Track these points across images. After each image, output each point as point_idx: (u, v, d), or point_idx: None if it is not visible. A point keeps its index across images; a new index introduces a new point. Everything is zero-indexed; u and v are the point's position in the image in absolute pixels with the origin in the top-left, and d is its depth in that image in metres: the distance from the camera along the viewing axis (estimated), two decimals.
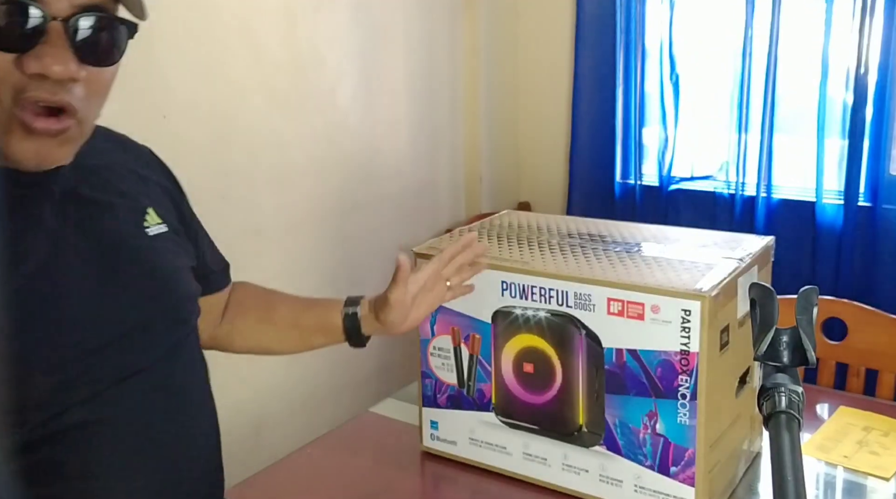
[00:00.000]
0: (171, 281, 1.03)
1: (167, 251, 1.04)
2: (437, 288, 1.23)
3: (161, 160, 1.14)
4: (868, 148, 2.44)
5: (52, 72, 0.79)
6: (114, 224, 0.97)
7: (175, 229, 1.08)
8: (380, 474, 1.39)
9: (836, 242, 2.53)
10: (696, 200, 2.80)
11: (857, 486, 1.32)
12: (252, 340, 1.29)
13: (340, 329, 1.24)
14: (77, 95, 0.83)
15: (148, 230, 1.02)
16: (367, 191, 2.52)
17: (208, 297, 1.19)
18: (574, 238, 1.37)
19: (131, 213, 1.01)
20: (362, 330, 1.24)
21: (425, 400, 1.41)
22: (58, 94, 0.81)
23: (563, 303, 1.22)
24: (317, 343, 1.28)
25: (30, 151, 0.83)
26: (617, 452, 1.22)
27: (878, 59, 2.36)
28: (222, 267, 1.25)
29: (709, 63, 2.76)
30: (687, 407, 1.15)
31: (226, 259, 1.26)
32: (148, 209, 1.03)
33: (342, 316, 1.23)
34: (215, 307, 1.25)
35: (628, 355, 1.18)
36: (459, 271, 1.24)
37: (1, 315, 0.81)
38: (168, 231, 1.05)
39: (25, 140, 0.82)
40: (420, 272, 1.20)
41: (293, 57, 2.21)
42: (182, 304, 1.05)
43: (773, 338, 0.81)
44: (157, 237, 1.03)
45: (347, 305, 1.24)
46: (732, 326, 1.20)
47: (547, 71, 3.04)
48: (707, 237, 1.37)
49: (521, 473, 1.33)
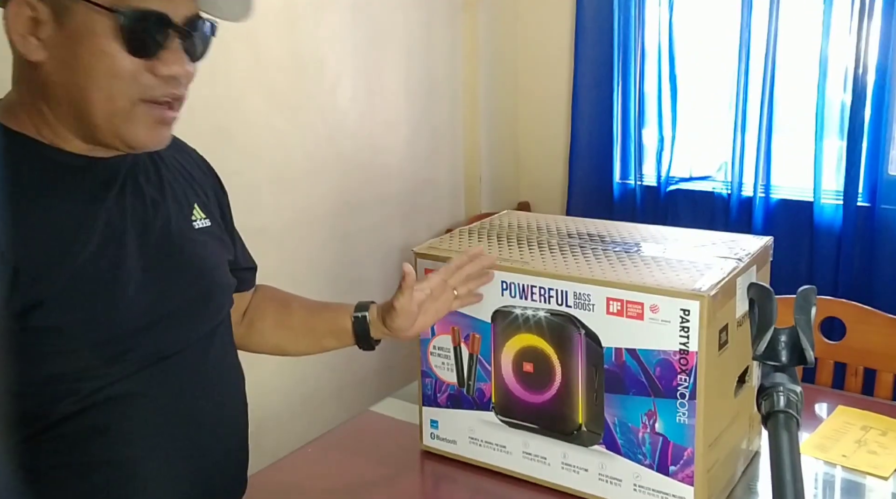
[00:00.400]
0: (211, 271, 1.14)
1: (209, 244, 1.15)
2: (444, 296, 1.27)
3: (207, 162, 1.24)
4: (866, 148, 2.44)
5: (181, 73, 0.96)
6: (164, 215, 1.07)
7: (218, 225, 1.19)
8: (380, 473, 1.39)
9: (834, 242, 2.54)
10: (695, 201, 2.80)
11: (856, 485, 1.33)
12: (270, 341, 1.36)
13: (350, 333, 1.30)
14: (184, 87, 0.99)
15: (194, 223, 1.13)
16: (366, 191, 2.53)
17: (235, 295, 1.25)
18: (573, 238, 1.38)
19: (179, 206, 1.11)
20: (371, 334, 1.30)
21: (425, 399, 1.41)
22: (178, 88, 0.98)
23: (563, 303, 1.22)
24: (328, 346, 1.34)
25: (155, 138, 0.99)
26: (616, 451, 1.23)
27: (877, 59, 2.37)
28: (251, 268, 1.33)
29: (707, 64, 2.77)
30: (686, 406, 1.15)
31: (254, 262, 1.33)
32: (194, 205, 1.14)
33: (352, 320, 1.30)
34: (240, 306, 1.32)
35: (627, 355, 1.18)
36: (467, 281, 1.27)
37: (62, 289, 0.92)
38: (210, 226, 1.16)
39: (152, 130, 0.97)
40: (426, 281, 1.26)
41: (293, 57, 2.22)
42: (220, 292, 1.15)
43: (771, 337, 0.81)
44: (202, 231, 1.14)
45: (357, 310, 1.30)
46: (731, 325, 1.20)
47: (546, 71, 3.05)
48: (706, 237, 1.37)
49: (520, 472, 1.33)
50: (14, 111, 0.96)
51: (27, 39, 0.91)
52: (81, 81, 0.92)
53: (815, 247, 2.57)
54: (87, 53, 0.90)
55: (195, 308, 1.09)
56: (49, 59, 0.92)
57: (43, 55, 0.91)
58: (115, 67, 0.91)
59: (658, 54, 2.76)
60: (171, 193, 1.10)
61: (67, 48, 0.91)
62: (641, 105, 2.84)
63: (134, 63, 0.92)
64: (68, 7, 0.89)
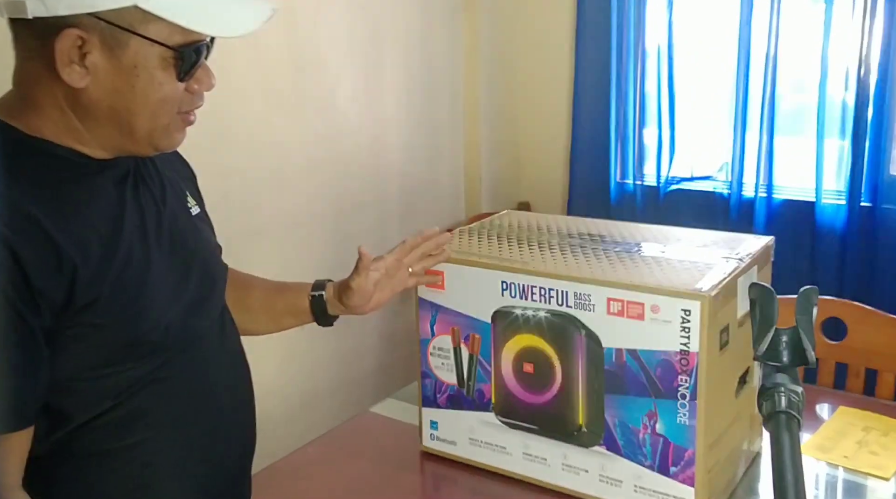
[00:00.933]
0: (213, 256, 1.20)
1: (204, 231, 1.20)
2: (399, 274, 1.32)
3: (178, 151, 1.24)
4: (869, 148, 2.44)
5: (210, 87, 1.04)
6: (171, 208, 1.12)
7: (204, 210, 1.23)
8: (379, 474, 1.39)
9: (836, 243, 2.54)
10: (695, 201, 2.80)
11: (857, 486, 1.33)
12: None
13: (308, 311, 1.34)
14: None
15: (191, 210, 1.18)
16: (367, 191, 2.53)
17: None
18: (574, 238, 1.38)
19: (178, 198, 1.16)
20: (328, 311, 1.34)
21: (425, 400, 1.41)
22: (203, 98, 1.05)
23: (563, 303, 1.22)
24: (287, 324, 1.38)
25: (181, 138, 1.06)
26: (617, 452, 1.23)
27: (879, 58, 2.36)
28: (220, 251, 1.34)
29: (708, 63, 2.77)
30: (687, 407, 1.15)
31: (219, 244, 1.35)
32: (187, 193, 1.19)
33: (309, 299, 1.34)
34: None
35: (628, 355, 1.18)
36: (422, 259, 1.33)
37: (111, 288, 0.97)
38: (201, 212, 1.21)
39: (182, 132, 1.05)
40: (381, 260, 1.31)
41: (293, 58, 2.22)
42: (221, 277, 1.20)
43: (772, 338, 0.81)
44: (197, 218, 1.18)
45: (314, 289, 1.34)
46: (732, 326, 1.20)
47: (547, 71, 3.05)
48: (707, 237, 1.37)
49: (520, 473, 1.33)
50: (24, 115, 0.99)
51: (72, 67, 0.94)
52: (133, 106, 0.98)
53: (817, 247, 2.57)
54: (142, 83, 0.96)
55: (207, 295, 1.14)
56: (95, 84, 0.96)
57: (86, 81, 0.95)
58: (166, 93, 0.98)
59: (658, 54, 2.76)
60: (171, 186, 1.15)
61: (120, 78, 0.96)
62: (642, 105, 2.85)
63: (180, 86, 1.00)
64: (121, 41, 0.94)
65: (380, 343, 2.59)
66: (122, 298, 0.99)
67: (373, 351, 2.57)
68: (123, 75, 0.96)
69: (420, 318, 1.38)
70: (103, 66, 0.95)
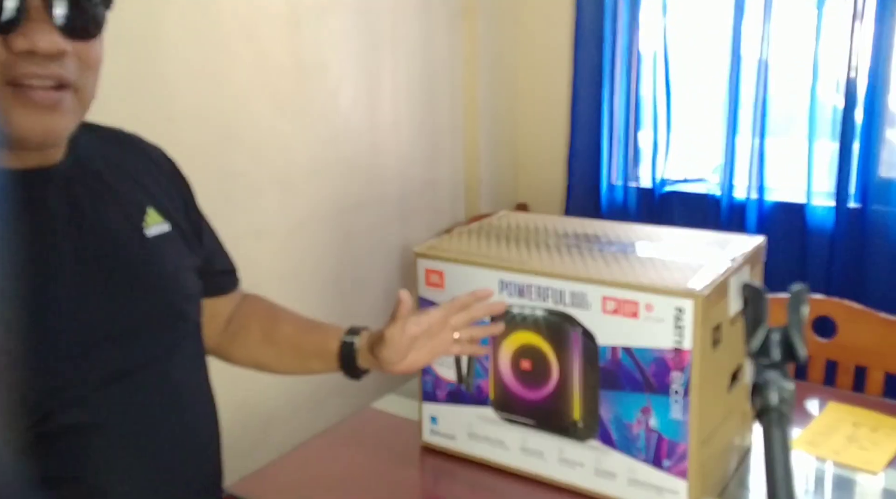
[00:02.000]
0: (167, 281, 1.02)
1: (166, 251, 1.03)
2: (443, 335, 1.18)
3: (172, 160, 1.14)
4: (858, 150, 2.46)
5: (39, 48, 0.81)
6: (108, 224, 0.96)
7: (180, 228, 1.07)
8: (381, 468, 1.41)
9: (826, 244, 2.55)
10: (689, 202, 2.82)
11: (846, 480, 1.34)
12: (253, 355, 1.27)
13: (336, 357, 1.21)
14: (70, 69, 0.85)
15: (146, 231, 1.01)
16: (368, 192, 2.55)
17: (214, 299, 1.20)
18: (570, 238, 1.40)
19: (128, 213, 1.00)
20: (358, 362, 1.21)
21: (425, 396, 1.43)
22: (48, 68, 0.83)
23: (560, 302, 1.24)
24: (314, 368, 1.25)
25: (34, 123, 0.84)
26: (611, 446, 1.25)
27: (869, 62, 2.39)
28: (229, 270, 1.25)
29: (701, 67, 2.79)
30: (680, 403, 1.17)
31: (233, 263, 1.26)
32: (148, 209, 1.03)
33: (339, 344, 1.21)
34: (221, 313, 1.24)
35: (623, 353, 1.20)
36: (471, 325, 1.20)
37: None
38: (171, 230, 1.05)
39: (29, 114, 0.83)
40: (424, 315, 1.15)
41: (296, 61, 2.23)
42: (179, 304, 1.04)
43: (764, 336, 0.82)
44: (157, 237, 1.02)
45: (347, 334, 1.21)
46: (724, 324, 1.22)
47: (545, 75, 3.07)
48: (700, 237, 1.39)
49: (518, 467, 1.35)
50: None
51: None
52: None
53: (808, 248, 2.59)
54: None
55: (148, 323, 0.98)
56: None
57: None
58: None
59: (653, 58, 2.78)
60: (118, 200, 0.99)
61: None
62: (637, 108, 2.86)
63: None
64: None
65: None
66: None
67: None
68: None
69: None
70: None
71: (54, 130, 0.87)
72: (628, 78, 2.86)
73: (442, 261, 1.34)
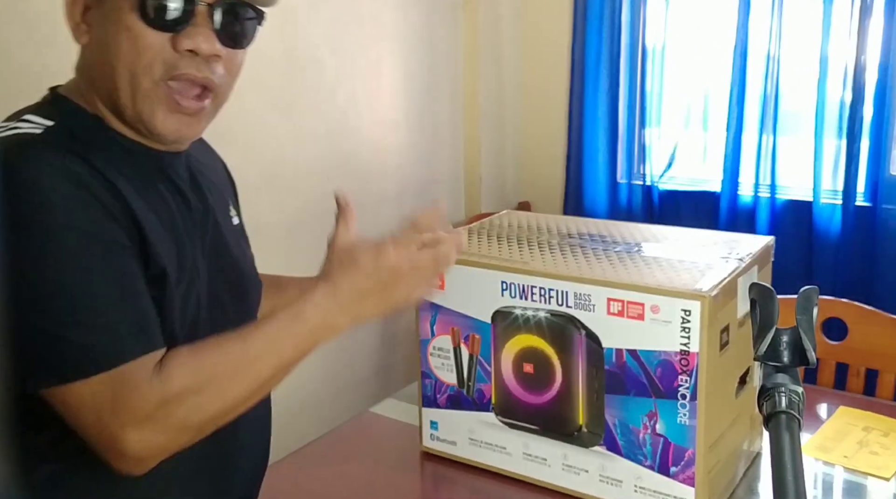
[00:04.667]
0: (250, 268, 1.19)
1: (243, 243, 1.19)
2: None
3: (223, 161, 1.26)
4: (867, 148, 2.44)
5: (201, 49, 0.93)
6: (212, 212, 1.09)
7: (243, 224, 1.22)
8: (380, 475, 1.39)
9: (834, 243, 2.54)
10: (694, 201, 2.81)
11: (857, 486, 1.33)
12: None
13: None
14: (218, 73, 0.97)
15: (233, 220, 1.16)
16: (366, 191, 2.53)
17: None
18: (574, 238, 1.38)
19: (222, 204, 1.14)
20: None
21: (425, 400, 1.41)
22: (203, 71, 0.95)
23: (563, 303, 1.22)
24: None
25: (173, 126, 0.96)
26: (617, 452, 1.23)
27: (878, 58, 2.37)
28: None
29: (708, 63, 2.77)
30: (687, 407, 1.15)
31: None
32: (229, 204, 1.18)
33: None
34: None
35: (628, 355, 1.18)
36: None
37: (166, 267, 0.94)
38: (240, 223, 1.20)
39: (171, 116, 0.95)
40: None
41: (292, 57, 2.22)
42: (257, 290, 1.19)
43: (773, 338, 0.81)
44: (238, 228, 1.18)
45: None
46: (732, 326, 1.20)
47: (547, 71, 3.05)
48: (707, 237, 1.37)
49: (520, 473, 1.33)
50: (80, 93, 0.98)
51: (80, 26, 0.94)
52: (110, 59, 0.93)
53: (815, 247, 2.57)
54: (113, 29, 0.92)
55: (240, 303, 1.11)
56: (90, 40, 0.95)
57: (87, 38, 0.95)
58: (136, 41, 0.91)
59: (657, 54, 2.76)
60: (216, 191, 1.13)
61: (101, 27, 0.93)
62: (641, 105, 2.84)
63: (156, 37, 0.92)
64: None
65: (380, 344, 2.59)
66: (175, 284, 0.95)
67: (373, 351, 2.57)
68: (104, 22, 0.93)
69: (420, 318, 1.38)
70: (95, 17, 0.93)
71: (189, 134, 1.00)
72: (632, 74, 2.83)
73: None
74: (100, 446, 0.87)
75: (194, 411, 0.88)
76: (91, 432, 0.86)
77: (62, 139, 0.90)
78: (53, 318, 0.84)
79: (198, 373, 0.89)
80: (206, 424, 0.91)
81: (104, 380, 0.85)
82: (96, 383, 0.84)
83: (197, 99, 0.96)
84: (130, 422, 0.85)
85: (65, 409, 0.86)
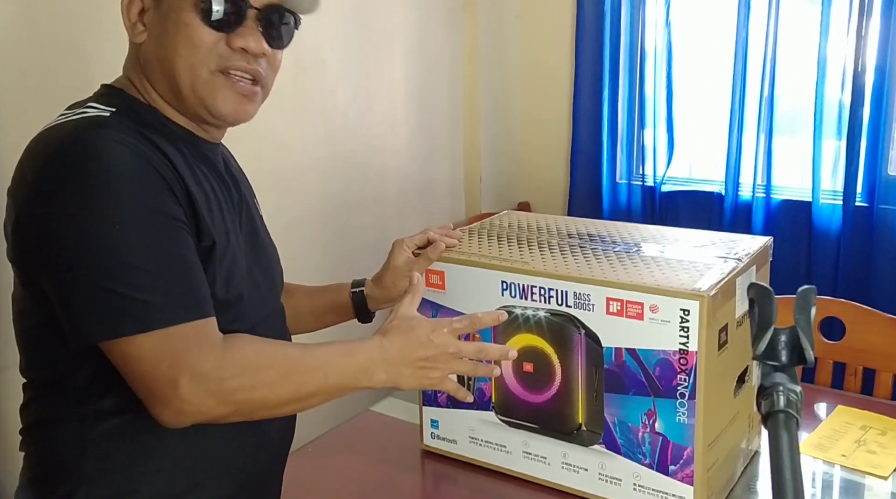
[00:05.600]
0: (276, 255, 1.28)
1: (267, 231, 1.28)
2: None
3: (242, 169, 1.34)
4: (865, 148, 2.44)
5: (251, 48, 1.06)
6: (246, 199, 1.20)
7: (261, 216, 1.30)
8: (380, 473, 1.40)
9: (833, 243, 2.54)
10: (694, 201, 2.81)
11: (855, 484, 1.33)
12: None
13: (349, 305, 1.40)
14: (263, 68, 1.10)
15: (259, 210, 1.27)
16: (367, 191, 2.53)
17: None
18: (573, 238, 1.38)
19: (249, 195, 1.25)
20: (368, 306, 1.40)
21: (426, 399, 1.41)
22: (252, 65, 1.07)
23: (563, 303, 1.23)
24: (329, 322, 1.44)
25: (235, 105, 1.08)
26: (616, 450, 1.23)
27: (876, 59, 2.37)
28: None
29: (706, 64, 2.77)
30: (685, 406, 1.15)
31: None
32: (255, 196, 1.28)
33: (350, 295, 1.40)
34: None
35: (627, 355, 1.18)
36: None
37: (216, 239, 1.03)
38: (261, 216, 1.29)
39: (232, 97, 1.07)
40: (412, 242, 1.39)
41: (294, 58, 2.21)
42: (281, 277, 1.28)
43: (771, 337, 0.81)
44: (263, 219, 1.28)
45: (354, 286, 1.41)
46: (731, 325, 1.20)
47: (547, 72, 3.05)
48: (705, 238, 1.38)
49: (520, 471, 1.33)
50: (133, 86, 1.09)
51: (136, 26, 1.05)
52: (170, 54, 1.03)
53: (814, 247, 2.57)
54: (173, 27, 1.03)
55: (270, 286, 1.20)
56: (148, 38, 1.05)
57: (144, 37, 1.05)
58: (194, 37, 1.03)
59: (657, 55, 2.76)
60: (243, 182, 1.23)
61: (160, 25, 1.04)
62: (641, 106, 2.85)
63: (212, 35, 1.04)
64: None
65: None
66: (220, 259, 1.03)
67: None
68: (163, 21, 1.03)
69: None
70: (151, 17, 1.04)
71: (246, 112, 1.11)
72: (632, 75, 2.84)
73: (442, 261, 1.33)
74: (149, 392, 0.93)
75: (244, 389, 0.95)
76: (145, 381, 0.93)
77: (127, 121, 1.01)
78: (117, 277, 0.91)
79: (260, 356, 0.98)
80: (245, 406, 0.97)
81: (164, 336, 0.92)
82: (157, 339, 0.92)
83: (252, 84, 1.09)
84: (187, 373, 0.92)
85: (123, 360, 0.93)
